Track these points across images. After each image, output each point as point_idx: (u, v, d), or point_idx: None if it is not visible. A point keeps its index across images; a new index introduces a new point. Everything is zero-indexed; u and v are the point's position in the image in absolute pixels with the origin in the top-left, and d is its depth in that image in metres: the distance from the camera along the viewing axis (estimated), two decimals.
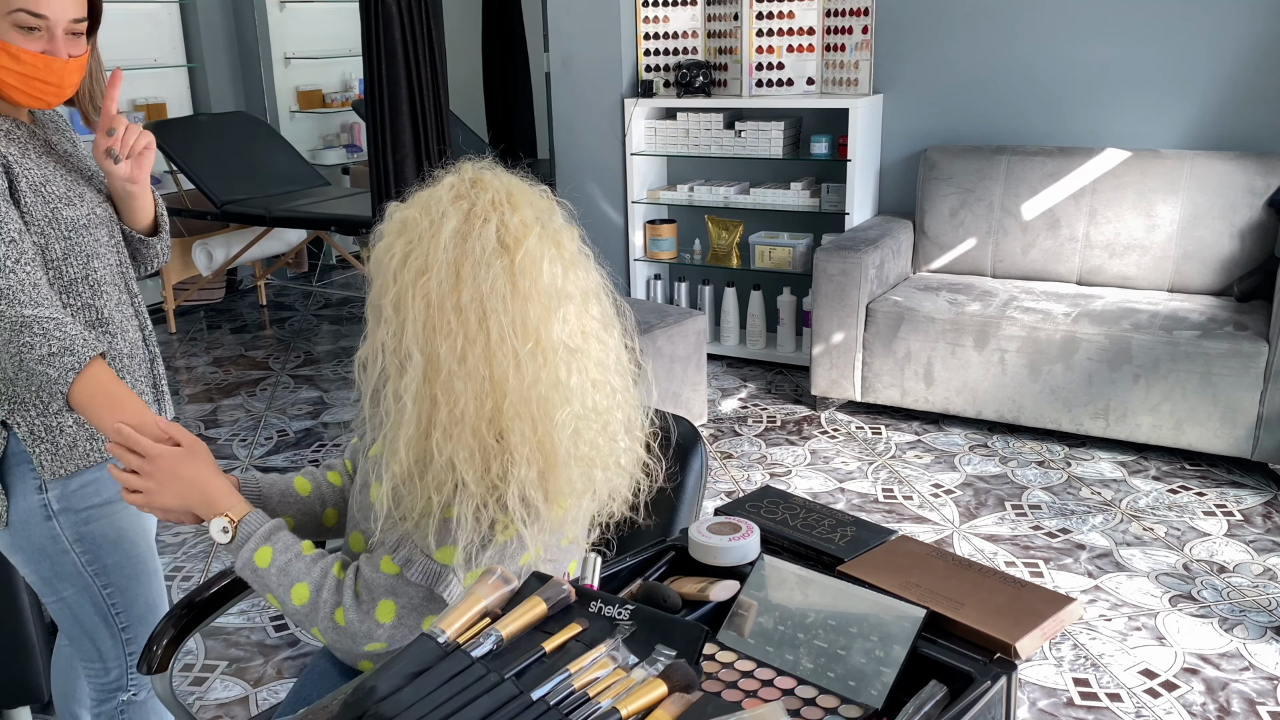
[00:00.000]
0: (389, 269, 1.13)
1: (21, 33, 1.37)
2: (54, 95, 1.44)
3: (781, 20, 4.16)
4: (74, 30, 1.42)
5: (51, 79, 1.41)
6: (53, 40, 1.39)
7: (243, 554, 1.22)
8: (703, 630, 1.00)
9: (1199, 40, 3.64)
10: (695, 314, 3.67)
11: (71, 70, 1.43)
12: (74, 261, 1.48)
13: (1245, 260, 3.51)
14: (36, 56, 1.38)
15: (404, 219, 1.14)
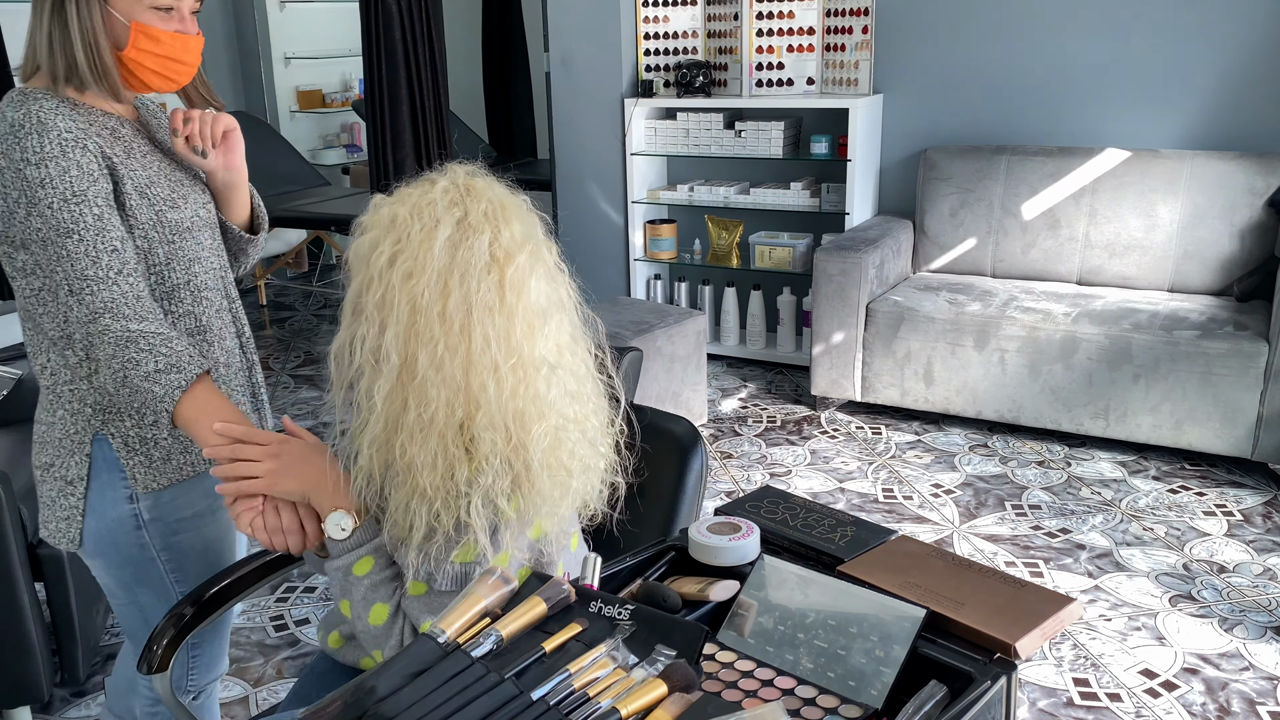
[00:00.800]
0: (375, 266, 1.13)
1: (158, 15, 1.40)
2: (185, 74, 1.47)
3: (781, 20, 4.16)
4: (195, 7, 1.46)
5: (187, 58, 1.44)
6: (183, 20, 1.43)
7: (348, 556, 1.22)
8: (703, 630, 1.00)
9: (1199, 40, 3.64)
10: (695, 314, 3.67)
11: (199, 48, 1.47)
12: (177, 267, 1.46)
13: (1245, 260, 3.51)
14: (174, 36, 1.42)
15: (393, 216, 1.14)
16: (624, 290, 4.62)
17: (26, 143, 1.32)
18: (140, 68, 1.42)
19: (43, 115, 1.34)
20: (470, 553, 1.17)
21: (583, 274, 1.40)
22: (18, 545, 2.04)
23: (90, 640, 2.31)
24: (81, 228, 1.32)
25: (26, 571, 2.07)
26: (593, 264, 4.68)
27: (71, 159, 1.33)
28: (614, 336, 3.36)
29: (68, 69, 1.37)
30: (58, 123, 1.34)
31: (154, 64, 1.42)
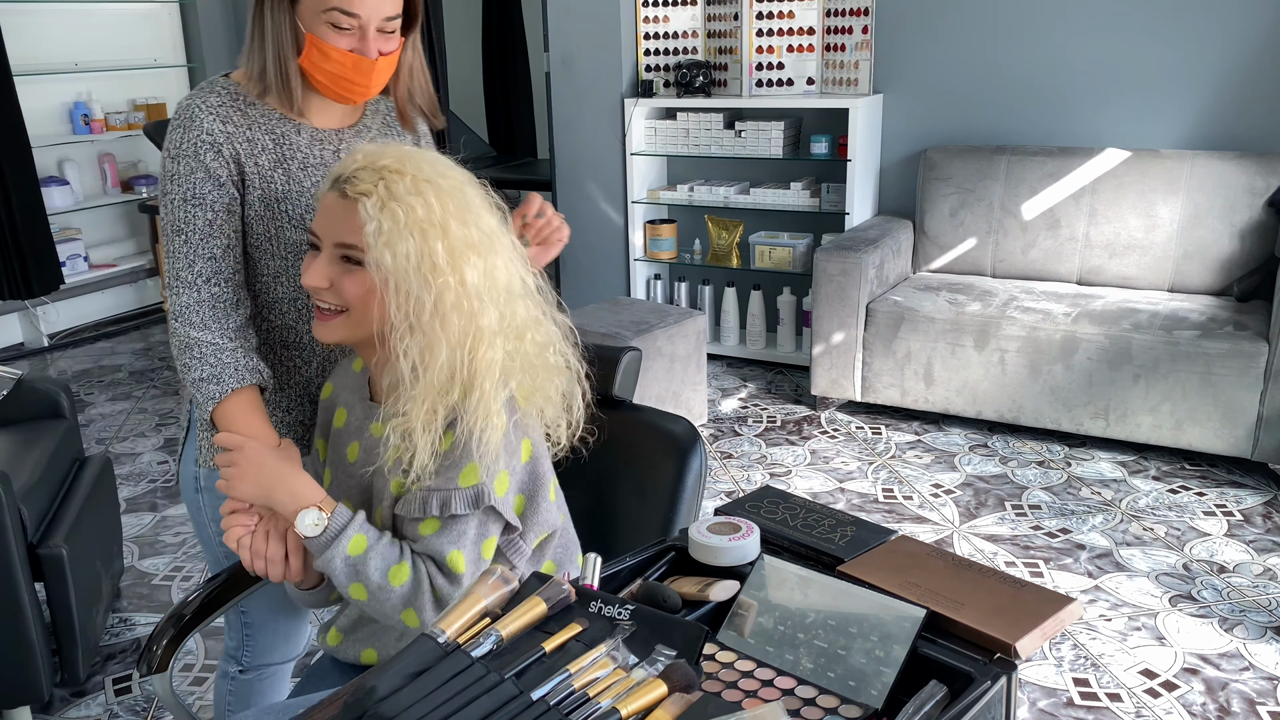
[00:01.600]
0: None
1: (334, 30, 1.35)
2: (359, 93, 1.41)
3: (781, 20, 4.16)
4: (386, 29, 1.38)
5: (358, 79, 1.39)
6: (364, 39, 1.37)
7: (337, 545, 1.24)
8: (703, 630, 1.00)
9: (1199, 40, 3.64)
10: (695, 314, 3.67)
11: (380, 69, 1.40)
12: (285, 281, 1.47)
13: (1245, 260, 3.51)
14: (345, 54, 1.36)
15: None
16: (624, 290, 4.62)
17: (174, 135, 1.39)
18: (314, 79, 1.40)
19: (195, 111, 1.38)
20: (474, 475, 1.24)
21: (583, 274, 1.48)
22: (18, 545, 2.04)
23: (90, 640, 2.31)
24: (190, 230, 1.38)
25: (26, 571, 2.07)
26: (593, 264, 4.68)
27: (201, 160, 1.37)
28: (614, 336, 3.36)
29: (259, 71, 1.40)
30: (204, 122, 1.38)
31: (325, 78, 1.39)
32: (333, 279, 1.26)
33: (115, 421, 4.00)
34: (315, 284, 1.26)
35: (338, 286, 1.26)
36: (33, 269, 4.63)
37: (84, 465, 2.57)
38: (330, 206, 1.26)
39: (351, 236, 1.23)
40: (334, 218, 1.25)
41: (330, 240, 1.25)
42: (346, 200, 1.24)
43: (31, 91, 4.84)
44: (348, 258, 1.25)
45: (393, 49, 1.41)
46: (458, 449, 1.24)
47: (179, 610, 1.47)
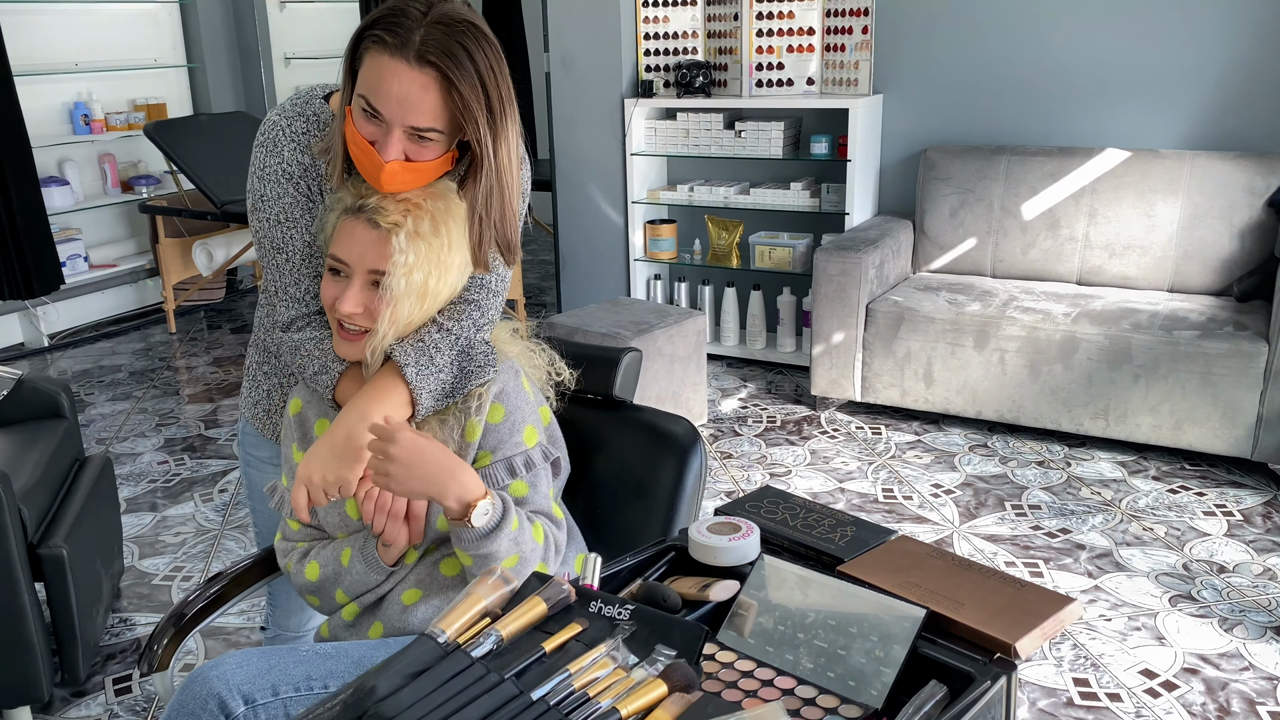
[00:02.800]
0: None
1: (365, 117, 1.28)
2: (374, 181, 1.32)
3: (781, 20, 4.16)
4: (416, 135, 1.28)
5: (370, 168, 1.30)
6: (387, 135, 1.27)
7: (504, 527, 1.31)
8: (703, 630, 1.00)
9: (1199, 40, 3.64)
10: (695, 314, 3.67)
11: (395, 174, 1.28)
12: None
13: (1245, 260, 3.51)
14: (363, 142, 1.28)
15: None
16: (624, 290, 4.62)
17: (258, 155, 1.42)
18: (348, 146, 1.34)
19: (280, 137, 1.41)
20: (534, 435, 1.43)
21: (583, 274, 1.53)
22: (18, 545, 2.05)
23: (90, 640, 2.31)
24: (291, 249, 1.43)
25: (26, 571, 2.07)
26: (593, 264, 4.68)
27: (285, 189, 1.41)
28: (614, 336, 3.36)
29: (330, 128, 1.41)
30: (285, 150, 1.40)
31: (352, 151, 1.31)
32: (365, 304, 1.33)
33: (115, 421, 4.00)
34: (352, 310, 1.33)
35: (370, 310, 1.34)
36: (33, 269, 4.63)
37: (84, 465, 2.57)
38: (360, 236, 1.32)
39: (384, 264, 1.31)
40: (367, 246, 1.31)
41: (364, 268, 1.32)
42: (379, 230, 1.31)
43: (31, 91, 4.84)
44: (378, 283, 1.33)
45: (427, 159, 1.30)
46: (511, 417, 1.40)
47: (179, 609, 1.47)
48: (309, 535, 1.50)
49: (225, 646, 2.50)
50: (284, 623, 1.81)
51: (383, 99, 1.26)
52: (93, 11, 5.23)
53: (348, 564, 1.42)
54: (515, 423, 1.40)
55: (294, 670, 1.27)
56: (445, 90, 1.26)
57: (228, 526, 3.11)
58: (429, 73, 1.24)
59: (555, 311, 5.11)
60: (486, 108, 1.29)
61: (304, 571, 1.46)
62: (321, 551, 1.46)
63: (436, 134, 1.29)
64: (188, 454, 3.67)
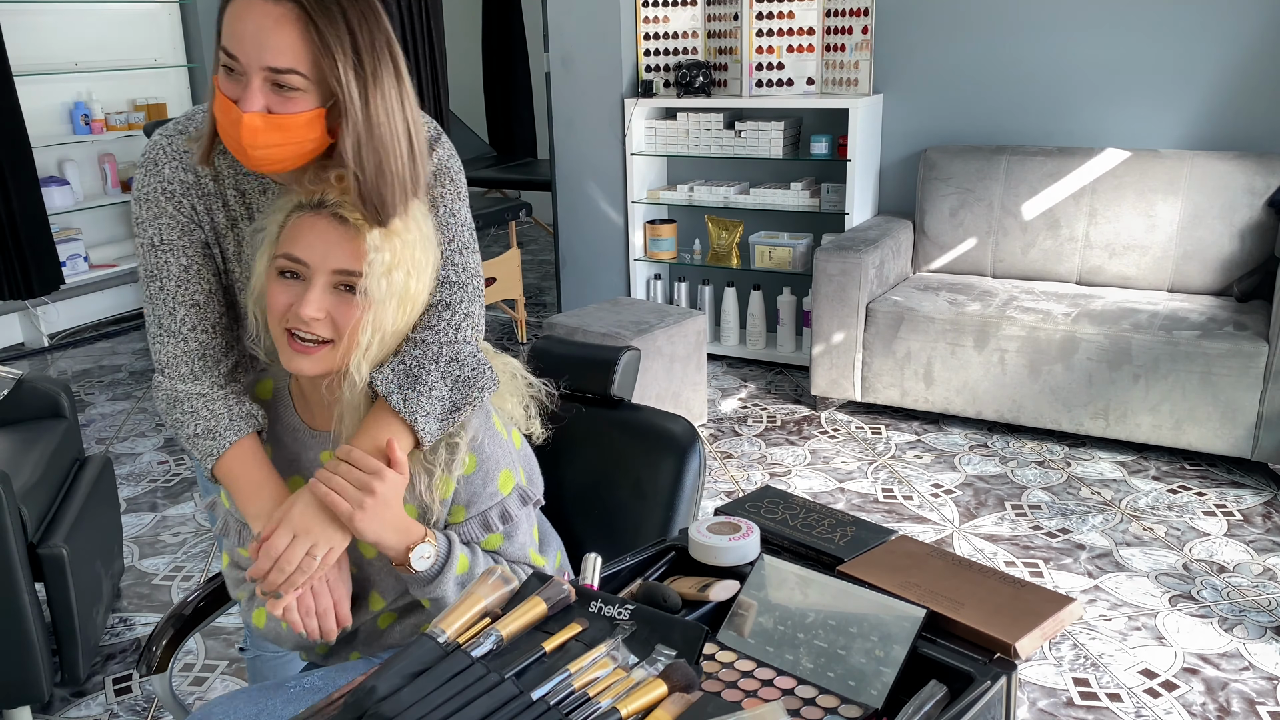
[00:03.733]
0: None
1: (226, 76, 1.18)
2: (240, 153, 1.18)
3: (781, 20, 4.16)
4: (276, 81, 1.15)
5: (232, 131, 1.16)
6: (248, 88, 1.15)
7: (449, 571, 1.23)
8: (703, 630, 1.00)
9: (1199, 40, 3.64)
10: (695, 314, 3.67)
11: (259, 130, 1.14)
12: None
13: (1245, 260, 3.51)
14: (224, 100, 1.17)
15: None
16: (624, 290, 4.62)
17: (138, 176, 1.29)
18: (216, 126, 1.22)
19: (160, 155, 1.28)
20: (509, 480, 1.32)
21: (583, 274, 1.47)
22: (18, 545, 2.05)
23: (90, 640, 2.31)
24: (164, 276, 1.28)
25: (26, 571, 2.07)
26: (593, 264, 4.68)
27: (163, 207, 1.27)
28: (614, 336, 3.36)
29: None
30: (165, 169, 1.28)
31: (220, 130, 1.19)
32: (328, 309, 1.17)
33: (115, 421, 4.00)
34: (314, 315, 1.15)
35: (334, 317, 1.17)
36: (33, 269, 4.63)
37: (84, 465, 2.57)
38: (323, 232, 1.16)
39: (353, 263, 1.16)
40: (331, 244, 1.16)
41: (327, 268, 1.16)
42: (346, 226, 1.16)
43: (31, 91, 4.84)
44: (345, 285, 1.17)
45: (297, 110, 1.16)
46: (484, 465, 1.27)
47: (179, 610, 1.47)
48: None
49: (225, 647, 2.50)
50: (264, 644, 1.74)
51: (237, 39, 1.16)
52: (93, 11, 5.23)
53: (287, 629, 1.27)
54: (489, 471, 1.27)
55: (282, 711, 1.22)
56: (304, 26, 1.14)
57: None
58: (284, 5, 1.14)
59: (555, 311, 5.11)
60: (353, 49, 1.15)
61: (253, 617, 1.32)
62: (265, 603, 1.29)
63: (299, 78, 1.15)
64: (188, 454, 3.66)
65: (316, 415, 1.31)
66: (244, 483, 1.26)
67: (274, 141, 1.16)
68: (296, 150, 1.18)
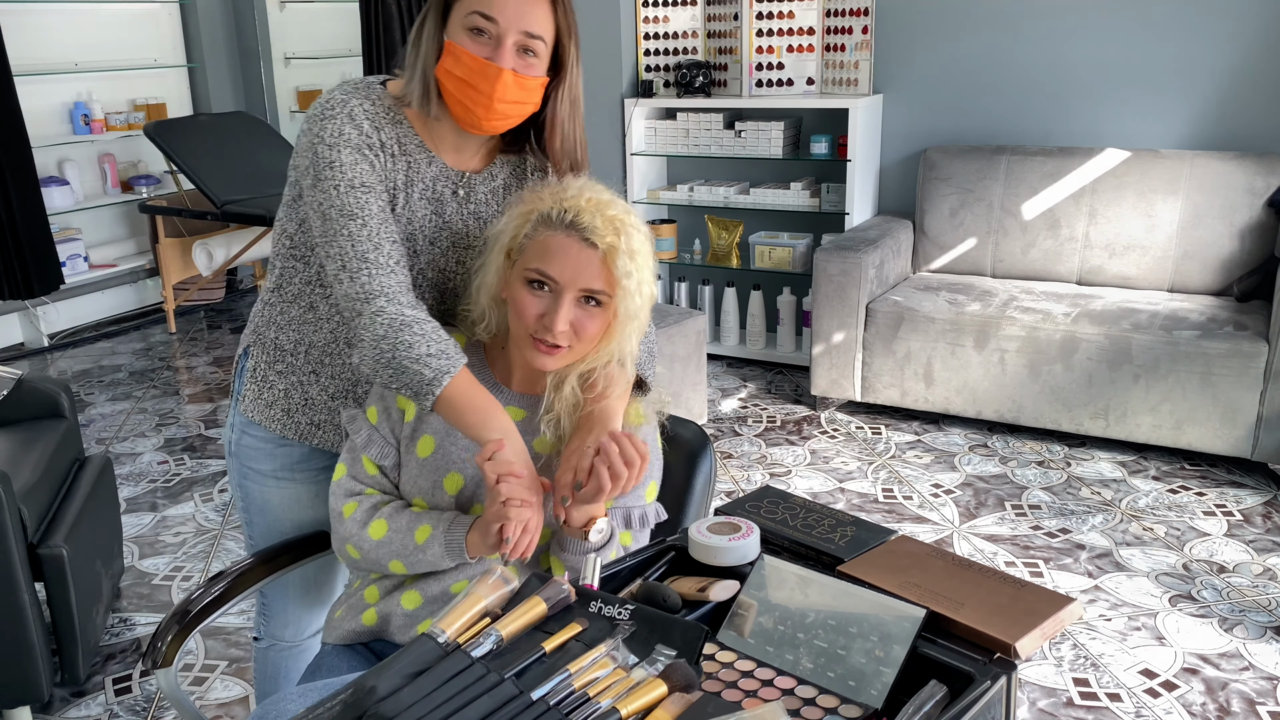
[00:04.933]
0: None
1: (471, 35, 1.34)
2: (484, 106, 1.36)
3: (781, 20, 4.16)
4: (526, 45, 1.36)
5: (483, 86, 1.34)
6: (499, 49, 1.34)
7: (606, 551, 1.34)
8: (703, 630, 1.00)
9: (1199, 40, 3.64)
10: (695, 314, 3.67)
11: (508, 85, 1.35)
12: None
13: (1245, 260, 3.51)
14: (474, 58, 1.34)
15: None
16: None
17: (330, 125, 1.38)
18: (445, 90, 1.38)
19: (355, 112, 1.40)
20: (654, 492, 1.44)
21: None
22: (18, 545, 2.05)
23: (90, 640, 2.31)
24: (366, 214, 1.37)
25: (26, 571, 2.07)
26: None
27: (363, 154, 1.39)
28: None
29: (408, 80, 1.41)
30: (363, 124, 1.40)
31: (455, 86, 1.36)
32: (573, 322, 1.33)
33: (115, 421, 4.00)
34: (563, 329, 1.32)
35: (578, 328, 1.33)
36: (33, 269, 4.63)
37: (84, 465, 2.57)
38: (574, 254, 1.31)
39: (600, 283, 1.32)
40: (581, 266, 1.31)
41: (576, 287, 1.32)
42: (592, 250, 1.31)
43: (31, 91, 4.84)
44: (589, 300, 1.33)
45: (534, 74, 1.38)
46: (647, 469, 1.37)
47: (184, 606, 1.47)
48: (381, 485, 1.44)
49: (225, 647, 2.50)
50: (279, 633, 1.76)
51: (499, 6, 1.34)
52: (93, 11, 5.23)
53: (423, 542, 1.36)
54: (646, 476, 1.39)
55: None
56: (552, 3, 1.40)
57: (228, 526, 3.11)
58: None
59: None
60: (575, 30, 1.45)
61: (368, 524, 1.40)
62: (395, 516, 1.39)
63: (543, 45, 1.38)
64: (188, 454, 3.67)
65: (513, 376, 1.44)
66: (480, 400, 1.34)
67: (515, 98, 1.38)
68: (523, 110, 1.40)
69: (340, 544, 1.44)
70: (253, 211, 4.68)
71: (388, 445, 1.43)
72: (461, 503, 1.41)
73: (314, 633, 1.78)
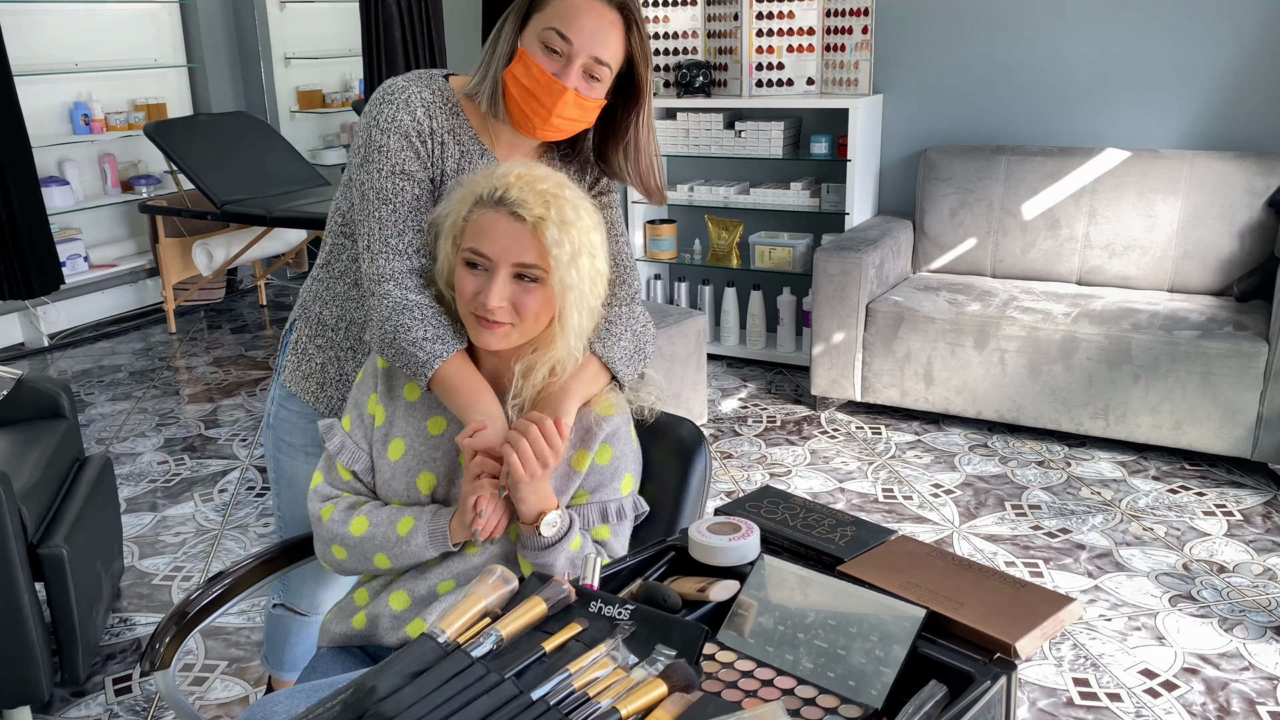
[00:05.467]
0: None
1: (544, 52, 1.41)
2: (541, 118, 1.44)
3: (781, 20, 4.16)
4: (593, 71, 1.42)
5: (545, 99, 1.41)
6: (568, 67, 1.41)
7: (564, 544, 1.35)
8: (703, 630, 1.00)
9: (1199, 40, 3.64)
10: (695, 314, 3.67)
11: (569, 103, 1.42)
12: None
13: (1245, 260, 3.51)
14: (543, 73, 1.40)
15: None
16: None
17: (386, 110, 1.47)
18: (510, 94, 1.44)
19: (411, 97, 1.47)
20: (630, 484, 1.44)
21: None
22: (18, 545, 2.05)
23: (90, 640, 2.31)
24: (399, 201, 1.45)
25: (26, 571, 2.07)
26: None
27: (410, 141, 1.46)
28: None
29: (479, 76, 1.48)
30: (417, 110, 1.47)
31: (519, 93, 1.43)
32: (510, 298, 1.34)
33: (115, 421, 4.00)
34: (498, 305, 1.33)
35: (516, 303, 1.34)
36: (33, 269, 4.63)
37: (84, 465, 2.57)
38: (504, 229, 1.32)
39: (532, 257, 1.32)
40: (511, 240, 1.32)
41: (508, 261, 1.32)
42: (523, 224, 1.32)
43: (31, 91, 4.84)
44: (523, 276, 1.33)
45: (594, 96, 1.44)
46: (616, 462, 1.41)
47: (182, 608, 1.47)
48: (356, 489, 1.48)
49: (225, 647, 2.50)
50: (294, 602, 1.85)
51: (576, 29, 1.39)
52: (93, 11, 5.23)
53: (405, 534, 1.39)
54: (619, 468, 1.42)
55: None
56: (625, 32, 1.43)
57: (228, 526, 3.11)
58: (616, 13, 1.42)
59: None
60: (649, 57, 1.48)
61: (348, 522, 1.43)
62: (375, 511, 1.43)
63: (607, 72, 1.43)
64: (188, 454, 3.67)
65: (482, 367, 1.45)
66: (472, 384, 1.40)
67: (573, 116, 1.44)
68: (577, 127, 1.48)
69: (324, 548, 1.46)
70: (253, 211, 4.68)
71: (359, 450, 1.47)
72: (436, 501, 1.44)
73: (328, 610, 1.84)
